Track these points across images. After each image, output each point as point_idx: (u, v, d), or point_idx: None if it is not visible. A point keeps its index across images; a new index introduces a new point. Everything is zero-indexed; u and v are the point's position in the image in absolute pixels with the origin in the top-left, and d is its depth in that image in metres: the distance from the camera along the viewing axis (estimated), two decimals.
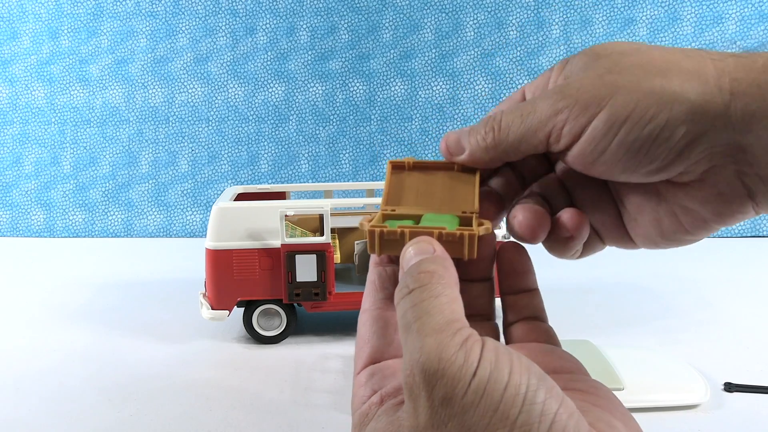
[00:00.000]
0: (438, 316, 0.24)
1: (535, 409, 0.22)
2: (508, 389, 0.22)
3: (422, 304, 0.25)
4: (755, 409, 0.51)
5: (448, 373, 0.22)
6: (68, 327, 0.72)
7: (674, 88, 0.27)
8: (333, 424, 0.50)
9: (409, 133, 1.19)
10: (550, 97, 0.29)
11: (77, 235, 1.21)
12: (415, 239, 0.28)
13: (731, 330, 0.68)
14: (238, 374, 0.59)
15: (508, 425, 0.22)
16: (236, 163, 1.20)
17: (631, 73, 0.27)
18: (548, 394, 0.23)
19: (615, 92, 0.27)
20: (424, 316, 0.24)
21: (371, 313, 0.31)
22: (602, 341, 0.59)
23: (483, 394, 0.22)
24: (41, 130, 1.20)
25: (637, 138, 0.27)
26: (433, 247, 0.28)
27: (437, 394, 0.23)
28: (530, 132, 0.29)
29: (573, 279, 0.87)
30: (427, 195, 0.34)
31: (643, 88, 0.27)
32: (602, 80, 0.28)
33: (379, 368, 0.29)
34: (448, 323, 0.24)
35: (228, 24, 1.18)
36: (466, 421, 0.22)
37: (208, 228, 0.65)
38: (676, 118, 0.27)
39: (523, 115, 0.29)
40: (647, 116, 0.27)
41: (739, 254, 1.01)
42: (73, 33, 1.19)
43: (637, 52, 0.29)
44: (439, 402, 0.23)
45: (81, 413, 0.52)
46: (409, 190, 0.34)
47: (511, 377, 0.23)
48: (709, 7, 1.12)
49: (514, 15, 1.16)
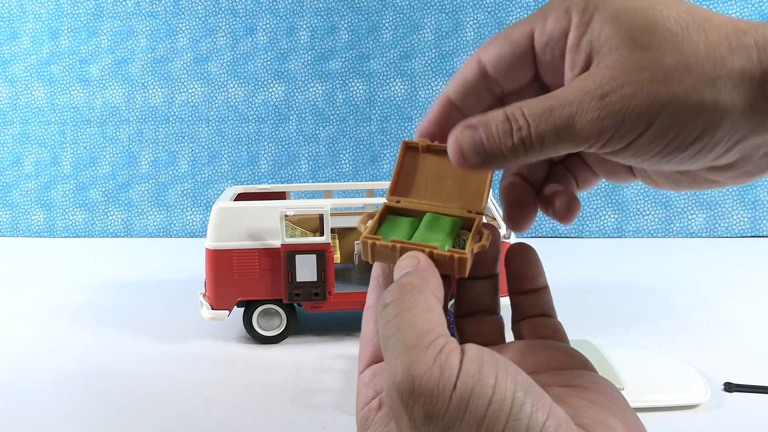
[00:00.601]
0: (410, 331, 0.23)
1: (521, 425, 0.21)
2: (492, 403, 0.22)
3: (395, 319, 0.24)
4: (755, 409, 0.51)
5: (425, 391, 0.22)
6: (68, 327, 0.72)
7: (724, 100, 0.25)
8: (333, 424, 0.50)
9: (409, 133, 1.19)
10: (591, 111, 0.26)
11: (77, 235, 1.21)
12: (405, 255, 0.28)
13: (731, 330, 0.68)
14: (238, 374, 0.59)
15: None
16: (236, 163, 1.20)
17: (679, 82, 0.25)
18: (535, 407, 0.22)
19: (662, 108, 0.25)
20: (397, 333, 0.24)
21: (374, 310, 0.30)
22: (602, 341, 0.59)
23: (466, 409, 0.21)
24: (41, 130, 1.20)
25: (681, 149, 0.26)
26: (418, 259, 0.27)
27: (417, 414, 0.22)
28: (567, 147, 0.27)
29: (573, 279, 0.87)
30: (437, 184, 0.33)
31: (691, 103, 0.25)
32: (647, 92, 0.25)
33: (382, 367, 0.29)
34: (419, 336, 0.23)
35: (228, 24, 1.18)
36: None
37: (208, 228, 0.65)
38: (725, 130, 0.26)
39: (559, 131, 0.26)
40: (695, 133, 0.26)
41: (739, 254, 1.01)
42: (73, 33, 1.19)
43: (676, 36, 0.26)
44: (421, 422, 0.22)
45: (81, 413, 0.52)
46: (420, 177, 0.33)
47: (496, 390, 0.22)
48: (708, 7, 1.13)
49: (514, 15, 1.16)
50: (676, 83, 0.25)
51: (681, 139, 0.26)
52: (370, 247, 0.30)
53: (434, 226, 0.32)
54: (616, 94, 0.25)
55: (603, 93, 0.26)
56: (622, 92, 0.25)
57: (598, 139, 0.26)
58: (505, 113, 0.27)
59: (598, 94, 0.26)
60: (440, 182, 0.33)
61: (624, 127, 0.26)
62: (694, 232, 1.13)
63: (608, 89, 0.26)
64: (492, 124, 0.28)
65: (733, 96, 0.25)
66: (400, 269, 0.27)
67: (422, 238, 0.31)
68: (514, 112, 0.27)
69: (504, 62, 0.30)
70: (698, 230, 1.13)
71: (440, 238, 0.31)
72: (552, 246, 1.07)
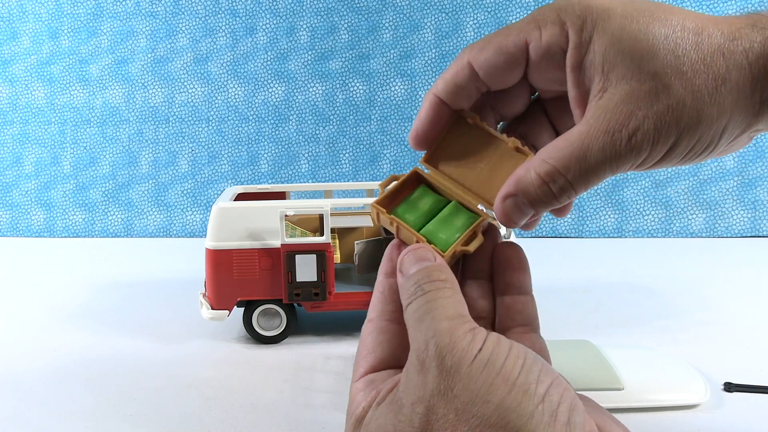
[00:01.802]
0: (450, 309, 0.28)
1: (533, 373, 0.25)
2: (508, 359, 0.26)
3: (436, 301, 0.28)
4: (755, 409, 0.51)
5: (457, 347, 0.26)
6: (68, 327, 0.72)
7: (727, 110, 0.29)
8: (333, 424, 0.50)
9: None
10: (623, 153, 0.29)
11: (77, 235, 1.21)
12: (413, 246, 0.31)
13: (731, 330, 0.68)
14: (238, 374, 0.59)
15: (509, 384, 0.25)
16: (236, 163, 1.20)
17: (690, 108, 0.28)
18: (543, 368, 0.26)
19: (680, 132, 0.29)
20: (438, 309, 0.28)
21: (377, 323, 0.32)
22: (602, 341, 0.59)
23: (487, 363, 0.26)
24: (41, 130, 1.20)
25: (698, 155, 0.30)
26: (432, 254, 0.30)
27: (446, 363, 0.26)
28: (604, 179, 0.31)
29: (573, 279, 0.87)
30: (471, 164, 0.34)
31: (703, 121, 0.28)
32: (665, 121, 0.28)
33: (379, 376, 0.30)
34: (458, 315, 0.28)
35: (228, 24, 1.18)
36: (471, 384, 0.25)
37: (208, 228, 0.65)
38: (729, 131, 0.29)
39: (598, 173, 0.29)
40: (707, 141, 0.29)
41: (739, 254, 1.01)
42: (73, 33, 1.19)
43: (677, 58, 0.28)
44: (447, 370, 0.26)
45: (81, 413, 0.52)
46: (457, 151, 0.34)
47: (511, 352, 0.26)
48: (709, 7, 1.12)
49: (513, 15, 1.16)
50: (688, 108, 0.28)
51: (698, 148, 0.29)
52: (375, 215, 0.33)
53: (448, 222, 0.33)
54: (640, 132, 0.28)
55: (630, 133, 0.28)
56: (645, 128, 0.28)
57: (630, 168, 0.30)
58: (539, 176, 0.30)
59: (626, 135, 0.28)
60: (474, 162, 0.34)
61: (650, 157, 0.29)
62: (694, 232, 1.13)
63: (633, 128, 0.28)
64: (530, 188, 0.30)
65: (732, 106, 0.29)
66: (416, 261, 0.30)
67: (431, 230, 0.32)
68: (548, 171, 0.30)
69: (496, 69, 0.32)
70: (698, 230, 1.13)
71: (444, 237, 0.32)
72: (552, 246, 1.07)
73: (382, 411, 0.28)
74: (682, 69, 0.28)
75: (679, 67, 0.28)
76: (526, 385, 0.25)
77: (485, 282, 0.34)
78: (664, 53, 0.28)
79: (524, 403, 0.24)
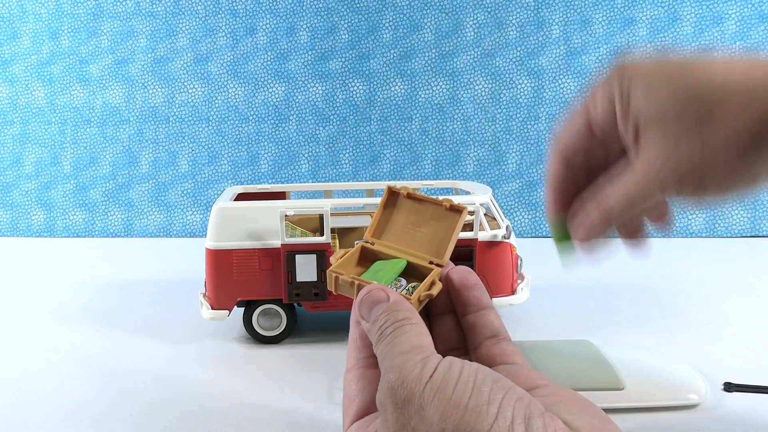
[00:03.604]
0: (405, 345, 0.29)
1: (483, 394, 0.26)
2: (458, 384, 0.26)
3: (395, 340, 0.29)
4: (755, 409, 0.51)
5: (407, 380, 0.27)
6: (68, 327, 0.72)
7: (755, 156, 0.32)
8: (333, 424, 0.50)
9: (409, 133, 1.19)
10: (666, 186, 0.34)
11: (77, 235, 1.21)
12: (367, 287, 0.33)
13: (731, 330, 0.68)
14: (238, 374, 0.59)
15: (460, 410, 0.25)
16: (236, 163, 1.20)
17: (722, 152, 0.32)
18: (494, 385, 0.26)
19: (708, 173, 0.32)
20: (395, 346, 0.29)
21: (356, 372, 0.34)
22: (602, 341, 0.59)
23: (437, 391, 0.26)
24: (41, 130, 1.20)
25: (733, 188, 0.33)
26: (387, 294, 0.32)
27: (399, 398, 0.27)
28: None
29: (573, 279, 0.87)
30: (411, 231, 0.37)
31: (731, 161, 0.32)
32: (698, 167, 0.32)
33: (364, 422, 0.32)
34: (412, 348, 0.29)
35: (228, 24, 1.18)
36: (425, 415, 0.26)
37: (208, 228, 0.65)
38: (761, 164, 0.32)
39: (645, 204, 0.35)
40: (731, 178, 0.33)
41: (739, 254, 1.01)
42: (73, 33, 1.19)
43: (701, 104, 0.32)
44: (402, 404, 0.27)
45: (81, 413, 0.52)
46: (397, 222, 0.38)
47: (461, 375, 0.27)
48: (709, 7, 1.12)
49: (514, 15, 1.16)
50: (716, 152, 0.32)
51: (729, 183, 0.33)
52: (333, 279, 0.35)
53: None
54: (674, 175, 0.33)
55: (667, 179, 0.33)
56: (680, 172, 0.33)
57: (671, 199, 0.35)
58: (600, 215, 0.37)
59: (671, 181, 0.33)
60: (413, 228, 0.37)
61: (681, 195, 0.34)
62: (694, 232, 1.13)
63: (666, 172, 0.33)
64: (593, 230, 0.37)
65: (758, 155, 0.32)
66: (371, 303, 0.32)
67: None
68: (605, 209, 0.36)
69: (575, 147, 0.38)
70: (698, 230, 1.13)
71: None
72: (552, 246, 1.07)
73: None
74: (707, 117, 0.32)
75: (707, 114, 0.32)
76: (477, 407, 0.25)
77: (451, 315, 0.35)
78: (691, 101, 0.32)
79: (478, 425, 0.25)
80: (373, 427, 0.30)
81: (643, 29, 1.14)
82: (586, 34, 1.15)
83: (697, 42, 1.14)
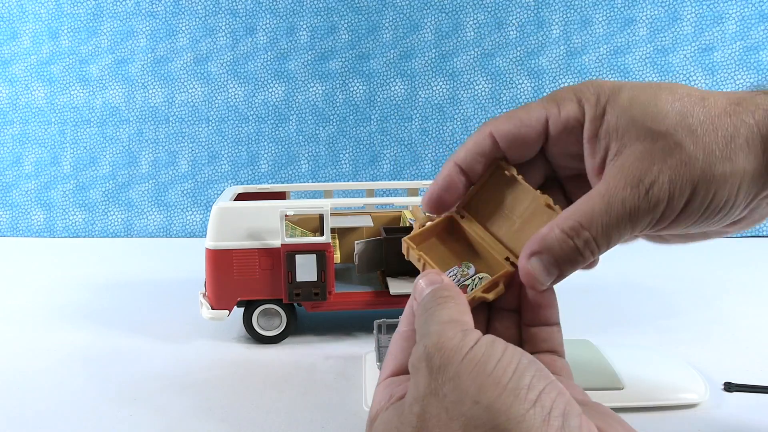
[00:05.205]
0: (445, 316, 0.29)
1: (525, 378, 0.25)
2: (501, 362, 0.26)
3: (436, 311, 0.29)
4: (755, 409, 0.51)
5: (445, 347, 0.27)
6: (68, 327, 0.72)
7: (739, 168, 0.30)
8: (333, 424, 0.50)
9: (409, 133, 1.19)
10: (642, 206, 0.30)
11: (77, 235, 1.21)
12: (426, 272, 0.33)
13: (731, 330, 0.68)
14: (238, 374, 0.59)
15: (499, 388, 0.25)
16: (236, 163, 1.20)
17: (702, 162, 0.30)
18: (537, 373, 0.26)
19: (695, 187, 0.30)
20: (434, 316, 0.29)
21: (404, 333, 0.34)
22: (602, 341, 0.59)
23: (477, 363, 0.26)
24: (41, 130, 1.20)
25: (713, 214, 0.31)
26: (441, 278, 0.32)
27: (434, 364, 0.26)
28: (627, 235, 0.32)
29: (573, 279, 0.87)
30: (504, 215, 0.36)
31: (716, 177, 0.30)
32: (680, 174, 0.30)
33: (397, 380, 0.32)
34: (451, 320, 0.28)
35: (228, 24, 1.18)
36: (460, 384, 0.25)
37: (208, 228, 0.65)
38: (744, 192, 0.31)
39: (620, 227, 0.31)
40: (723, 199, 0.30)
41: (739, 254, 1.01)
42: (73, 33, 1.19)
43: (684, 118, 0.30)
44: (436, 369, 0.26)
45: (81, 413, 0.52)
46: (493, 203, 0.36)
47: (504, 355, 0.26)
48: (709, 7, 1.12)
49: (514, 15, 1.16)
50: (700, 163, 0.30)
51: (714, 204, 0.30)
52: (405, 249, 0.35)
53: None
54: (656, 185, 0.30)
55: (647, 187, 0.30)
56: (661, 181, 0.30)
57: (650, 224, 0.31)
58: (563, 231, 0.31)
59: (643, 189, 0.30)
60: (507, 213, 0.36)
61: (668, 211, 0.30)
62: None
63: (649, 181, 0.30)
64: (554, 244, 0.31)
65: (744, 164, 0.30)
66: (427, 285, 0.32)
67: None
68: (572, 226, 0.31)
69: (517, 141, 0.34)
70: None
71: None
72: None
73: (389, 413, 0.29)
74: (691, 128, 0.30)
75: (689, 127, 0.30)
76: (516, 390, 0.25)
77: (513, 313, 0.35)
78: (673, 115, 0.31)
79: (515, 407, 0.24)
80: (404, 388, 0.30)
81: (643, 29, 1.14)
82: (586, 34, 1.15)
83: (697, 42, 1.14)
